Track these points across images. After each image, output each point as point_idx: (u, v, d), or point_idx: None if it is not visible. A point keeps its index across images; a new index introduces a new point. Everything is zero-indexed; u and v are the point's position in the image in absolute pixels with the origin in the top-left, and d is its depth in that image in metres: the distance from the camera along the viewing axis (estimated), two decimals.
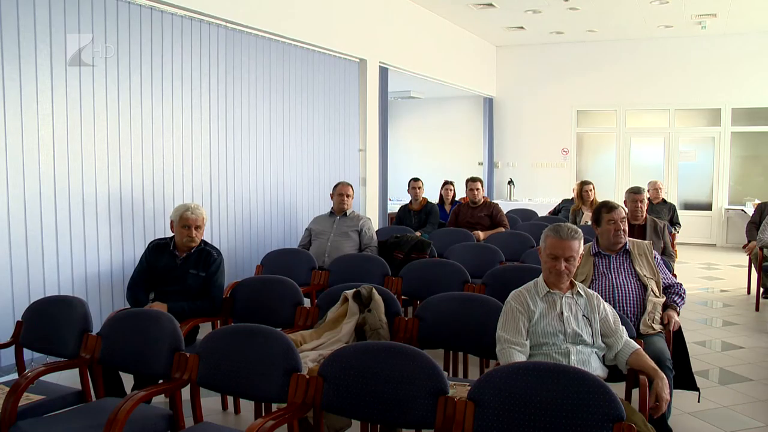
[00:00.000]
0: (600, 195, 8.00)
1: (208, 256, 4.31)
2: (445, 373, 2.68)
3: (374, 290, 3.73)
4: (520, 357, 2.99)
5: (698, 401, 3.99)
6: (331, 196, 6.17)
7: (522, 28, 11.42)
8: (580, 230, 3.26)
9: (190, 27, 5.76)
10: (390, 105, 10.28)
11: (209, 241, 4.56)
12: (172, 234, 4.39)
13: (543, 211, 9.35)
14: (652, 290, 3.86)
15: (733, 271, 9.38)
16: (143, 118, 5.33)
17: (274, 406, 3.04)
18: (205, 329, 3.84)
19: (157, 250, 4.38)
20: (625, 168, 12.65)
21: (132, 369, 3.40)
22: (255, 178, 6.69)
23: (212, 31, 6.01)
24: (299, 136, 7.35)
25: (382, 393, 2.64)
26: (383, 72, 8.95)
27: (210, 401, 4.15)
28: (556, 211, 8.81)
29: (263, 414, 3.38)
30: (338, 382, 2.72)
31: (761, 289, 7.26)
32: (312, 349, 3.56)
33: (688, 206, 12.35)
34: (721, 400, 4.44)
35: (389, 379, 2.65)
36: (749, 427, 4.02)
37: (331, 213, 6.10)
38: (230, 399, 4.23)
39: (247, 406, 4.05)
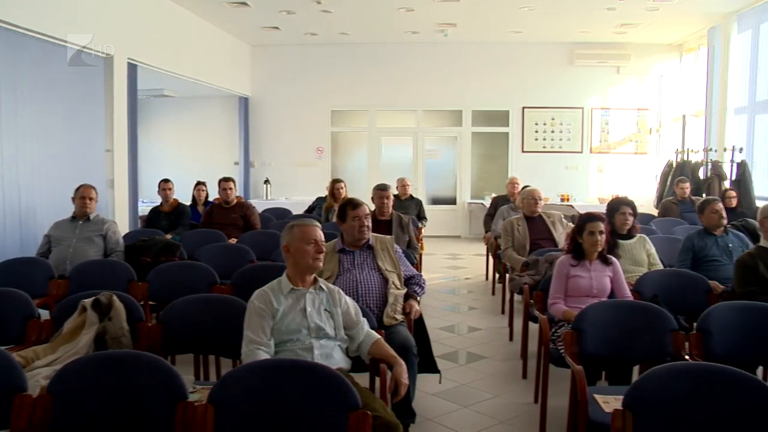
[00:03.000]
0: (352, 192, 8.22)
1: None
2: (192, 378, 2.64)
3: (114, 297, 3.56)
4: (265, 356, 2.99)
5: (439, 382, 4.28)
6: (73, 199, 5.78)
7: (277, 28, 11.46)
8: None
9: None
10: (141, 103, 9.83)
11: None
12: None
13: (299, 210, 9.45)
14: (394, 283, 4.07)
15: (475, 260, 10.17)
16: None
17: None
18: None
19: None
20: (376, 166, 13.17)
21: None
22: None
23: None
24: (36, 135, 6.72)
25: (118, 406, 2.52)
26: (132, 69, 8.49)
27: None
28: (310, 209, 8.97)
29: None
30: (69, 399, 2.53)
31: (496, 275, 7.98)
32: (46, 365, 3.30)
33: (435, 201, 13.21)
34: (461, 378, 4.86)
35: (124, 390, 2.54)
36: (481, 400, 4.46)
37: (73, 218, 5.71)
38: None
39: None
